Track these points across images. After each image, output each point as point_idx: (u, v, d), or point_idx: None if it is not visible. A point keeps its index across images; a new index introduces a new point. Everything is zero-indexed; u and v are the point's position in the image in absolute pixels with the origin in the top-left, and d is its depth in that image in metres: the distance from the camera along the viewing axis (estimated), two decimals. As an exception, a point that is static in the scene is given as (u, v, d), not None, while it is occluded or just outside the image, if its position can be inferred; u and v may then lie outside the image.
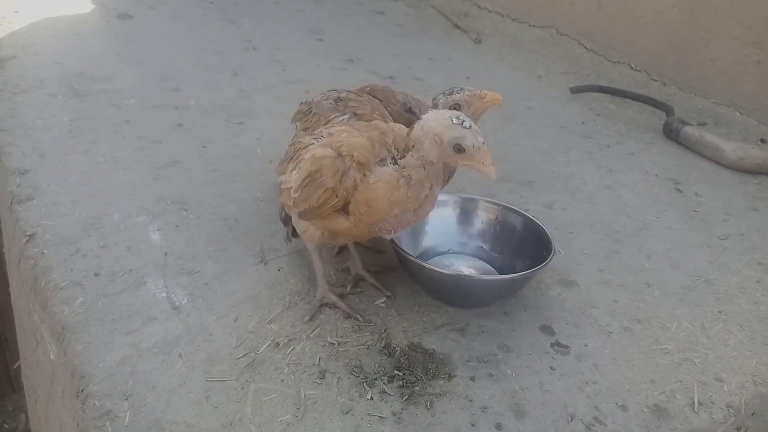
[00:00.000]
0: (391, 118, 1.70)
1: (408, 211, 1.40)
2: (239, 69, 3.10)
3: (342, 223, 1.44)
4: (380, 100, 1.76)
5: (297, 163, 1.51)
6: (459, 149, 1.32)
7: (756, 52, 2.76)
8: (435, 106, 1.64)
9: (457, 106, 1.62)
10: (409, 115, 1.76)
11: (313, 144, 1.50)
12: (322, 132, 1.55)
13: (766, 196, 2.31)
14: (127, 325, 1.55)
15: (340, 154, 1.40)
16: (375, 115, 1.69)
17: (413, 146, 1.36)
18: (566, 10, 3.58)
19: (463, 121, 1.32)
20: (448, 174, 1.71)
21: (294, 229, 1.67)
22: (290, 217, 1.64)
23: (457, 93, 1.63)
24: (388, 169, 1.38)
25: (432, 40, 3.69)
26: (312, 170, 1.42)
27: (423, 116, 1.38)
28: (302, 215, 1.50)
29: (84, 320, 1.56)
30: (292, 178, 1.50)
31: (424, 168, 1.36)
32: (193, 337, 1.53)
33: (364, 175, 1.39)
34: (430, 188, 1.39)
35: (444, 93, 1.66)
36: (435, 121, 1.34)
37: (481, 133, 1.34)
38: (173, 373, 1.43)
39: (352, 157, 1.38)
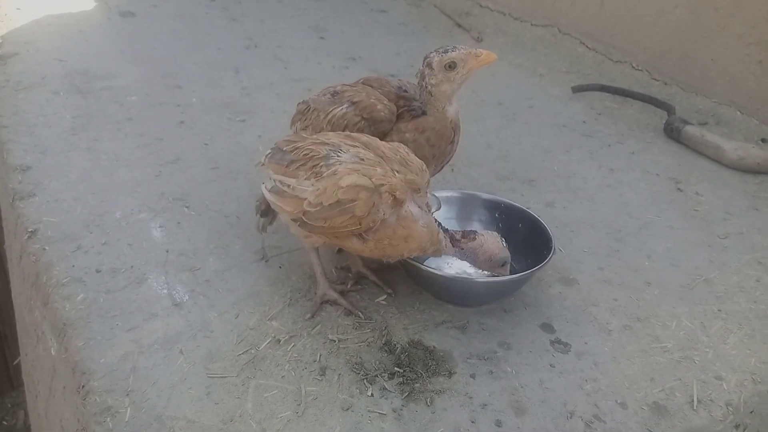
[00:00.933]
0: (386, 99, 1.71)
1: (423, 252, 1.50)
2: (241, 67, 3.11)
3: (355, 244, 1.46)
4: (374, 88, 1.77)
5: (314, 173, 1.46)
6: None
7: (758, 52, 2.76)
8: (429, 65, 1.64)
9: (452, 64, 1.62)
10: (404, 96, 1.75)
11: (332, 159, 1.45)
12: (339, 144, 1.50)
13: (767, 196, 2.31)
14: (129, 321, 1.56)
15: (378, 191, 1.39)
16: (371, 100, 1.70)
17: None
18: (568, 9, 3.57)
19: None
20: (431, 170, 1.73)
21: (271, 220, 1.73)
22: (268, 209, 1.64)
23: (453, 51, 1.63)
24: (419, 211, 1.45)
25: (434, 39, 3.69)
26: (343, 198, 1.38)
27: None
28: (313, 229, 1.47)
29: (85, 316, 1.57)
30: (307, 190, 1.45)
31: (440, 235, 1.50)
32: (194, 333, 1.53)
33: (396, 211, 1.42)
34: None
35: (438, 51, 1.64)
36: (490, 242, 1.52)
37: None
38: (174, 370, 1.43)
39: (394, 196, 1.40)
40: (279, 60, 3.23)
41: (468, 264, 1.66)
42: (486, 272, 1.58)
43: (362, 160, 1.45)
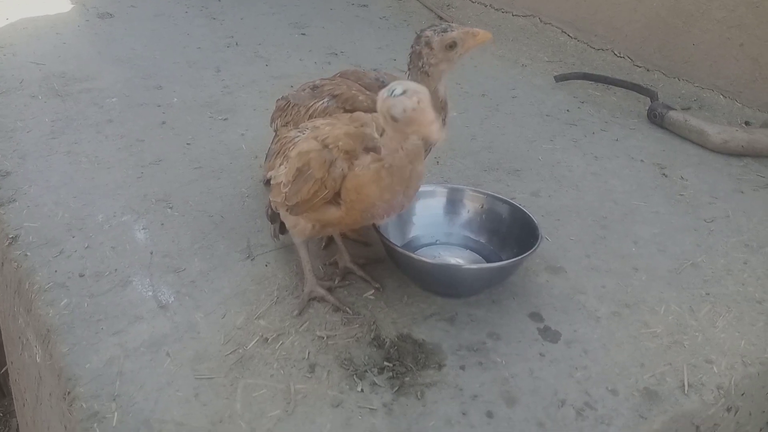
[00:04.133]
0: (366, 90, 1.69)
1: (397, 193, 1.38)
2: (222, 65, 3.08)
3: (334, 213, 1.44)
4: (352, 80, 1.76)
5: (285, 157, 1.51)
6: (395, 120, 1.26)
7: (738, 35, 2.77)
8: (428, 44, 1.59)
9: (453, 44, 1.58)
10: (384, 86, 1.73)
11: (298, 137, 1.49)
12: (306, 125, 1.54)
13: (751, 178, 2.32)
14: (114, 325, 1.54)
15: (326, 146, 1.39)
16: (353, 92, 1.68)
17: (383, 130, 1.34)
18: (549, -2, 3.58)
19: (393, 91, 1.25)
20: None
21: (281, 226, 1.66)
22: (277, 214, 1.62)
23: (452, 31, 1.58)
24: (368, 157, 1.37)
25: (415, 32, 3.67)
26: (300, 165, 1.41)
27: None
28: (293, 210, 1.49)
29: (69, 322, 1.55)
30: (281, 173, 1.50)
31: (401, 148, 1.32)
32: (180, 335, 1.51)
33: (351, 164, 1.38)
34: (410, 165, 1.35)
35: (435, 30, 1.59)
36: (378, 101, 1.29)
37: (420, 95, 1.24)
38: (161, 372, 1.42)
39: (338, 147, 1.38)
40: (260, 57, 3.21)
41: (455, 255, 1.67)
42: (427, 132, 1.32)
43: (317, 127, 1.46)
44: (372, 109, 1.67)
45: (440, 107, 1.69)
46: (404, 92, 1.25)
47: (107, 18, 3.65)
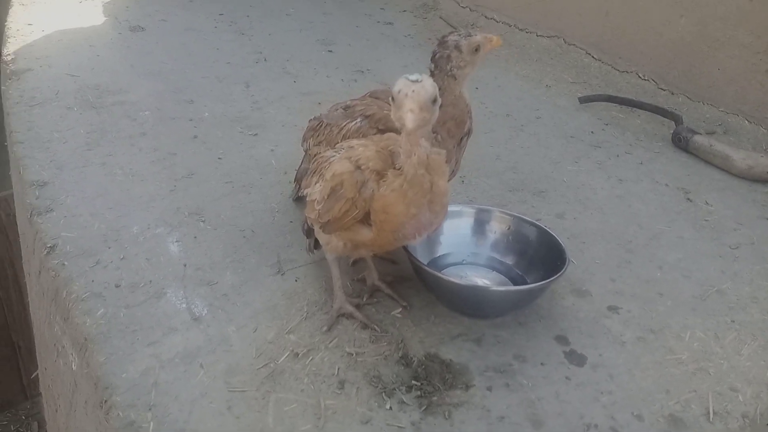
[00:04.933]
0: None
1: (422, 207, 1.40)
2: (251, 80, 3.14)
3: (365, 234, 1.48)
4: (382, 100, 1.80)
5: (320, 176, 1.55)
6: (393, 99, 1.29)
7: (765, 61, 2.78)
8: (458, 48, 1.63)
9: (478, 48, 1.65)
10: None
11: (334, 157, 1.53)
12: (342, 145, 1.58)
13: (776, 205, 2.32)
14: (149, 336, 1.58)
15: (358, 167, 1.44)
16: (385, 112, 1.72)
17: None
18: (573, 19, 3.60)
19: (409, 76, 1.29)
20: (452, 164, 1.73)
21: (316, 241, 1.70)
22: (312, 229, 1.66)
23: (475, 36, 1.65)
24: (390, 174, 1.41)
25: (437, 38, 3.72)
26: (333, 184, 1.46)
27: None
28: (326, 227, 1.54)
29: (106, 331, 1.59)
30: (316, 191, 1.54)
31: (414, 154, 1.35)
32: (213, 347, 1.55)
33: (379, 184, 1.42)
34: (429, 175, 1.37)
35: (460, 35, 1.66)
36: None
37: (424, 89, 1.27)
38: (195, 384, 1.45)
39: (369, 168, 1.42)
40: (288, 74, 3.27)
41: (482, 276, 1.70)
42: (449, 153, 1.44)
43: (352, 147, 1.50)
44: None
45: (467, 111, 1.73)
46: (416, 81, 1.29)
47: (139, 31, 3.73)
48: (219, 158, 2.40)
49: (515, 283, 1.76)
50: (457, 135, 1.74)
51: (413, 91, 1.28)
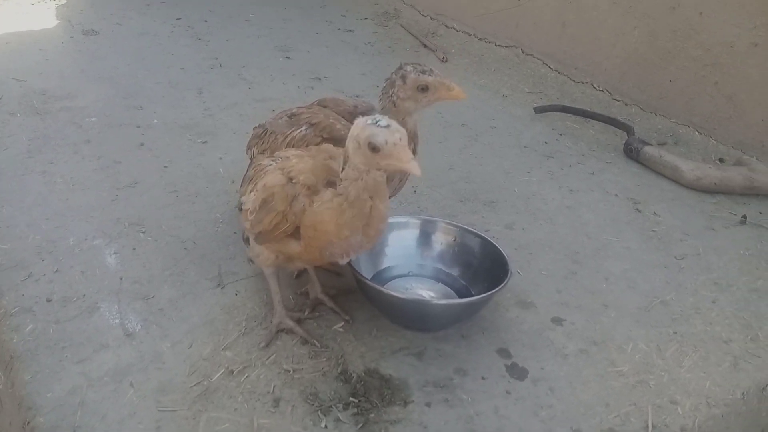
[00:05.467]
0: (343, 119, 1.71)
1: (356, 230, 1.38)
2: (205, 87, 3.08)
3: (294, 247, 1.45)
4: (330, 108, 1.77)
5: (255, 185, 1.52)
6: (374, 148, 1.28)
7: (713, 73, 2.83)
8: (403, 78, 1.61)
9: (425, 88, 1.61)
10: (362, 114, 1.74)
11: (271, 166, 1.50)
12: (279, 154, 1.55)
13: (723, 216, 2.35)
14: (78, 353, 1.52)
15: (290, 180, 1.41)
16: (330, 120, 1.69)
17: (347, 158, 1.34)
18: (531, 30, 3.63)
19: (377, 121, 1.29)
20: (393, 187, 1.71)
21: None
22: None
23: (429, 75, 1.61)
24: (328, 192, 1.38)
25: (400, 59, 3.66)
26: (265, 196, 1.43)
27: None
28: (257, 238, 1.51)
29: (33, 348, 1.53)
30: (250, 200, 1.51)
31: (360, 179, 1.33)
32: (145, 365, 1.50)
33: (311, 199, 1.39)
34: (371, 200, 1.35)
35: (416, 68, 1.62)
36: (355, 127, 1.32)
37: (401, 133, 1.29)
38: (124, 403, 1.40)
39: (300, 182, 1.40)
40: (243, 80, 3.22)
41: (426, 288, 1.68)
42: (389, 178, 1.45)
43: (287, 158, 1.48)
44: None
45: (409, 139, 1.70)
46: (388, 126, 1.28)
47: (92, 35, 3.65)
48: (165, 166, 2.34)
49: (460, 295, 1.74)
50: None
51: (399, 138, 1.28)
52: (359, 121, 1.32)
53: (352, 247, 1.41)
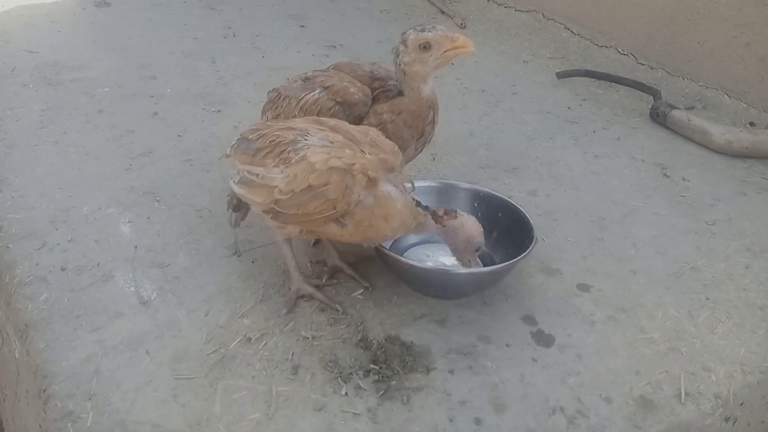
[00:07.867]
0: (359, 82, 1.65)
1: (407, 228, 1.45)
2: (218, 56, 3.03)
3: (333, 230, 1.40)
4: (346, 72, 1.71)
5: (282, 160, 1.41)
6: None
7: (745, 34, 2.71)
8: (404, 42, 1.57)
9: (427, 45, 1.55)
10: (379, 77, 1.69)
11: (302, 144, 1.40)
12: (306, 129, 1.45)
13: (755, 180, 2.26)
14: (93, 321, 1.49)
15: (349, 169, 1.35)
16: (344, 83, 1.64)
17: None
18: (553, -7, 3.51)
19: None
20: (410, 151, 1.69)
21: (241, 216, 1.66)
22: (240, 204, 1.59)
23: (429, 31, 1.55)
24: (395, 190, 1.40)
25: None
26: (317, 182, 1.35)
27: None
28: (286, 218, 1.42)
29: (48, 317, 1.50)
30: (277, 177, 1.40)
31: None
32: (161, 333, 1.47)
33: (370, 191, 1.37)
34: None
35: (415, 29, 1.57)
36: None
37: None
38: (139, 371, 1.37)
39: (367, 175, 1.35)
40: (257, 49, 3.15)
41: (446, 254, 1.62)
42: (457, 257, 1.52)
43: (331, 143, 1.40)
44: (362, 102, 1.62)
45: (427, 108, 1.64)
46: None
47: (104, 6, 3.60)
48: (179, 135, 2.30)
49: (483, 261, 1.68)
50: (415, 126, 1.65)
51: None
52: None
53: (390, 237, 1.45)
